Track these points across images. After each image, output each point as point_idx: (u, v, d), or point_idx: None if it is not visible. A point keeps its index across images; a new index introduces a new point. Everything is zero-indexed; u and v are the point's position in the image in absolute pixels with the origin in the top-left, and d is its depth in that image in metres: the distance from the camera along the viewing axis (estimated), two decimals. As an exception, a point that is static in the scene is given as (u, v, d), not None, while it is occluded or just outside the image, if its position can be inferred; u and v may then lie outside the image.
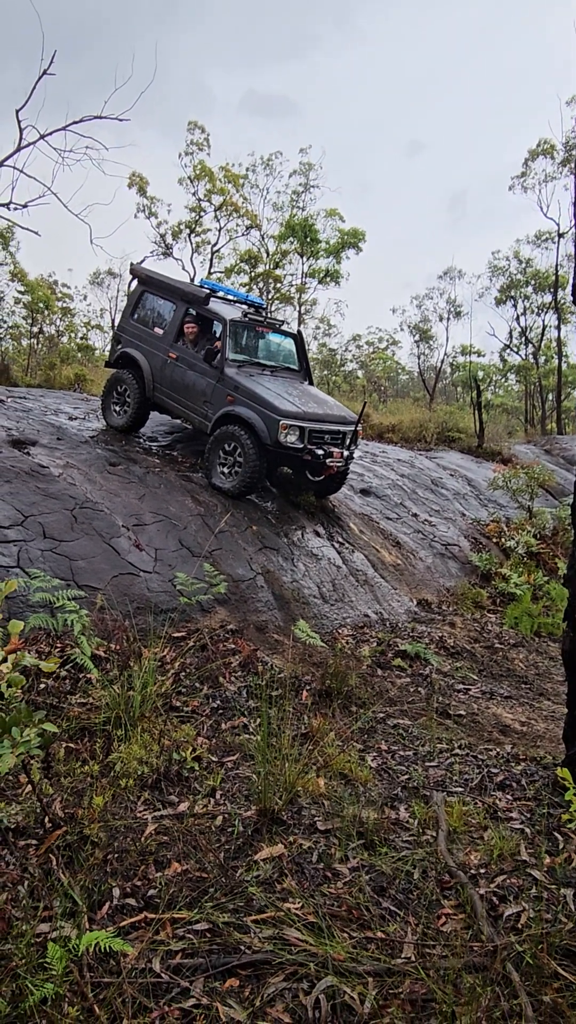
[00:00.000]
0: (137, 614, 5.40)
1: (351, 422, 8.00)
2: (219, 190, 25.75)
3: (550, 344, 31.93)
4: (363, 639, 6.50)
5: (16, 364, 23.98)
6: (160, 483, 7.35)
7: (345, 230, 26.21)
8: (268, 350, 8.59)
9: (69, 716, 4.00)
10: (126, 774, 3.51)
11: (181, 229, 26.58)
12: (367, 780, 3.92)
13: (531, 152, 25.75)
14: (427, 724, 4.89)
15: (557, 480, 13.02)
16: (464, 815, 3.57)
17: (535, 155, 25.82)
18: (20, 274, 28.89)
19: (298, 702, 4.86)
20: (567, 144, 25.03)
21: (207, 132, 25.41)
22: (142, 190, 25.51)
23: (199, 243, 27.19)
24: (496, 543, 10.15)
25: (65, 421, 8.70)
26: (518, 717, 5.28)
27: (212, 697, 4.72)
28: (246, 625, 5.99)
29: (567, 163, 25.35)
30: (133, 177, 25.03)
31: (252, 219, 26.83)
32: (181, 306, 8.39)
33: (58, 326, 34.39)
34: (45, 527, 5.79)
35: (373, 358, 40.54)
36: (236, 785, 3.71)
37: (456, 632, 7.16)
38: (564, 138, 25.19)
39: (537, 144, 25.67)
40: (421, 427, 15.43)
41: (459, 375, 37.61)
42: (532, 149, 25.63)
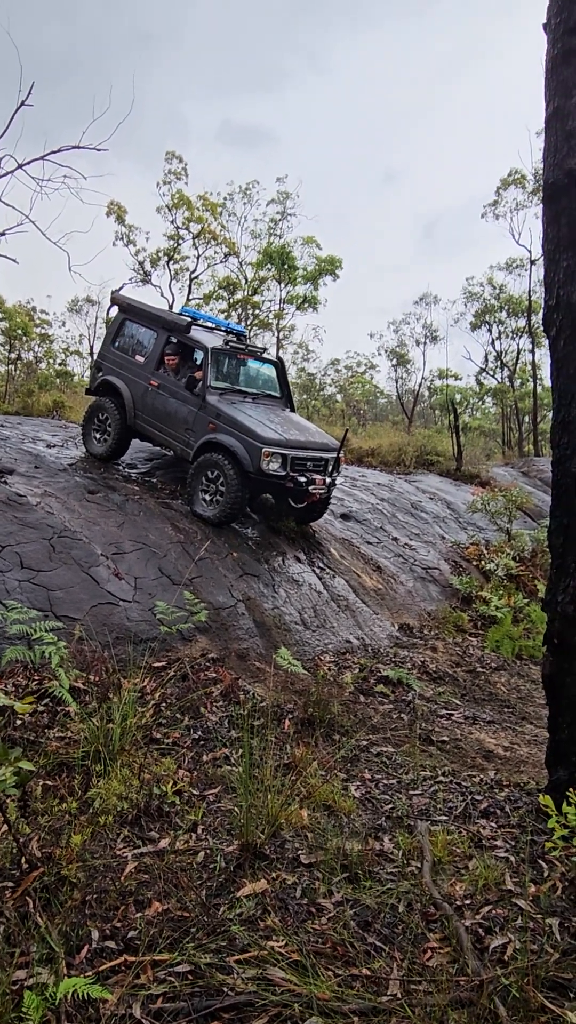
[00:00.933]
0: (116, 644, 5.34)
1: (333, 449, 8.03)
2: (197, 218, 26.05)
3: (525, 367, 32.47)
4: (345, 665, 6.47)
5: (-6, 391, 23.87)
6: (140, 511, 7.32)
7: (322, 257, 26.59)
8: (249, 377, 8.63)
9: (47, 751, 3.93)
10: (105, 811, 3.44)
11: (159, 256, 26.81)
12: (351, 811, 3.88)
13: (503, 181, 26.41)
14: (410, 751, 4.86)
15: (535, 502, 13.16)
16: (448, 844, 3.55)
17: (506, 184, 26.48)
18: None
19: (280, 731, 4.81)
20: (537, 174, 25.69)
21: (185, 162, 25.78)
22: (120, 218, 25.73)
23: (177, 270, 27.43)
24: (476, 566, 10.21)
25: (43, 449, 8.66)
26: (501, 742, 5.27)
27: (193, 728, 4.67)
28: (227, 653, 5.95)
29: (537, 192, 26.00)
30: (111, 206, 25.28)
31: (230, 246, 27.14)
32: (162, 334, 8.42)
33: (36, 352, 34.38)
34: (22, 557, 5.73)
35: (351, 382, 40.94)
36: (218, 819, 3.66)
37: (438, 656, 7.16)
38: (534, 168, 25.86)
39: (508, 174, 26.35)
40: (400, 451, 15.54)
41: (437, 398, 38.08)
42: (504, 178, 26.28)
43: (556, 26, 3.56)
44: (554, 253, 3.61)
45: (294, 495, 7.78)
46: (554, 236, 3.61)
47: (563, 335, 3.61)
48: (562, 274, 3.55)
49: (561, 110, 3.53)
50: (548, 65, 3.63)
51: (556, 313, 3.62)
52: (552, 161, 3.56)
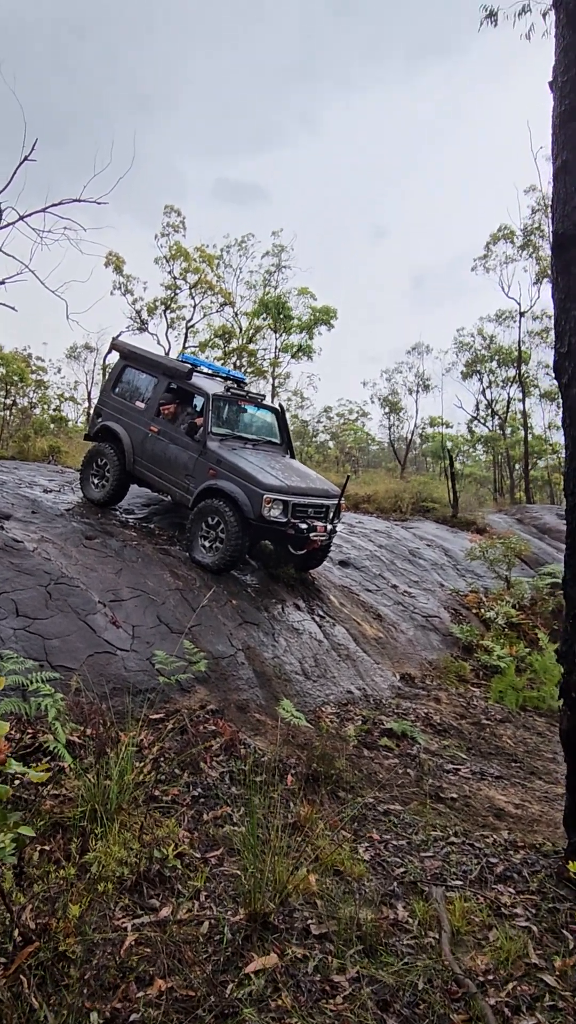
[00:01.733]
0: (114, 695, 5.16)
1: (334, 496, 7.98)
2: (194, 269, 26.55)
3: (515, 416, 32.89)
4: (348, 717, 6.29)
5: (-11, 436, 23.88)
6: (137, 557, 7.20)
7: (317, 307, 27.06)
8: (250, 424, 8.62)
9: (42, 811, 3.73)
10: (104, 877, 3.24)
11: (156, 305, 27.22)
12: (361, 875, 3.69)
13: (492, 236, 27.15)
14: (419, 809, 4.67)
15: (532, 550, 13.11)
16: (466, 912, 3.36)
17: (496, 239, 27.23)
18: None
19: (284, 788, 4.62)
20: (525, 230, 26.46)
21: (183, 215, 26.40)
22: (118, 268, 26.19)
23: (174, 319, 27.83)
24: (476, 614, 10.08)
25: (40, 494, 8.57)
26: (512, 799, 5.08)
27: (193, 785, 4.47)
28: (227, 705, 5.77)
29: (526, 247, 26.75)
30: (110, 256, 25.75)
31: (226, 296, 27.62)
32: (163, 380, 8.43)
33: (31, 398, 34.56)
34: (18, 604, 5.58)
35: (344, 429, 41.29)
36: (222, 884, 3.46)
37: (442, 708, 6.98)
38: (522, 224, 26.65)
39: (498, 229, 27.12)
40: (396, 497, 15.54)
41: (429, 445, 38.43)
42: (493, 233, 27.03)
43: (563, 84, 3.63)
44: (564, 302, 3.62)
45: (295, 542, 7.69)
46: (564, 286, 3.62)
47: (575, 383, 3.59)
48: (573, 323, 3.54)
49: (569, 163, 3.58)
50: (555, 121, 3.70)
51: (567, 360, 3.60)
52: (562, 212, 3.59)
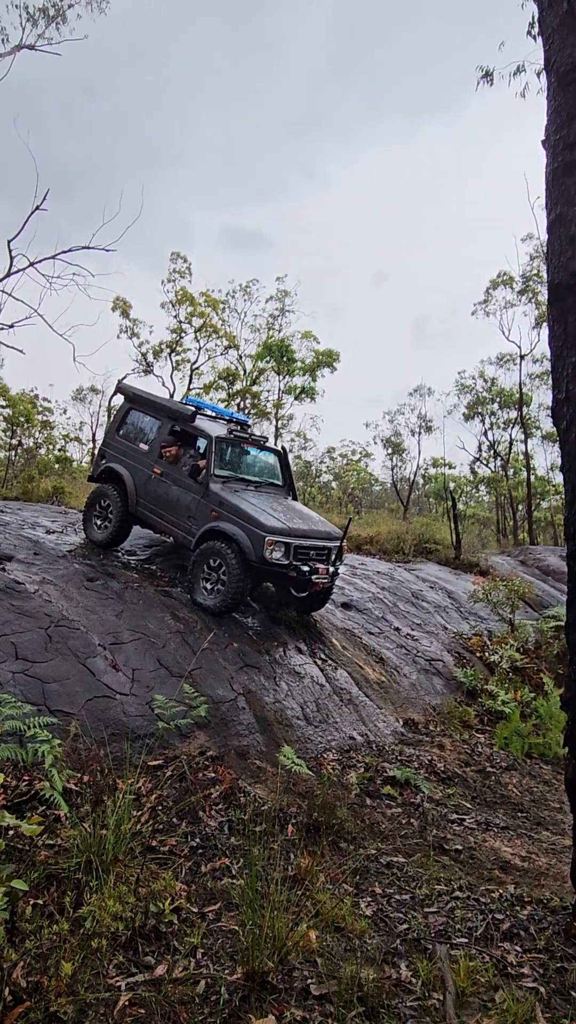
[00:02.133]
0: (112, 741, 5.09)
1: (336, 538, 7.97)
2: (199, 313, 27.05)
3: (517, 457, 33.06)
4: (350, 764, 6.18)
5: (-7, 476, 24.04)
6: (139, 599, 7.17)
7: (320, 350, 27.46)
8: (252, 466, 8.67)
9: (36, 861, 3.64)
10: (98, 932, 3.15)
11: (162, 348, 27.67)
12: (363, 931, 3.58)
13: (492, 282, 27.70)
14: (423, 862, 4.56)
15: (536, 592, 13.04)
16: (471, 972, 3.25)
17: (496, 285, 27.77)
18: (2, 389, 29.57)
19: (284, 838, 4.52)
20: (524, 276, 27.02)
21: (189, 262, 27.02)
22: (125, 313, 26.70)
23: (179, 361, 28.25)
24: (480, 657, 9.97)
25: (42, 535, 8.59)
26: (518, 851, 4.96)
27: (191, 835, 4.38)
28: (227, 751, 5.68)
29: (525, 292, 27.26)
30: (117, 301, 26.28)
31: (230, 340, 28.07)
32: (167, 423, 8.51)
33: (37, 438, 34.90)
34: (18, 647, 5.55)
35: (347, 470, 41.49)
36: (219, 941, 3.36)
37: (446, 755, 6.86)
38: (521, 270, 27.22)
39: (497, 275, 27.68)
40: (399, 539, 15.52)
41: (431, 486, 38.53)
42: (493, 279, 27.59)
43: (555, 142, 3.75)
44: (561, 349, 3.67)
45: (296, 584, 7.66)
46: (561, 333, 3.68)
47: (573, 428, 3.63)
48: (570, 369, 3.59)
49: (563, 217, 3.67)
50: (549, 177, 3.81)
51: (565, 406, 3.64)
52: (557, 264, 3.67)
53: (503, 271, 27.63)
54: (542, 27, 4.07)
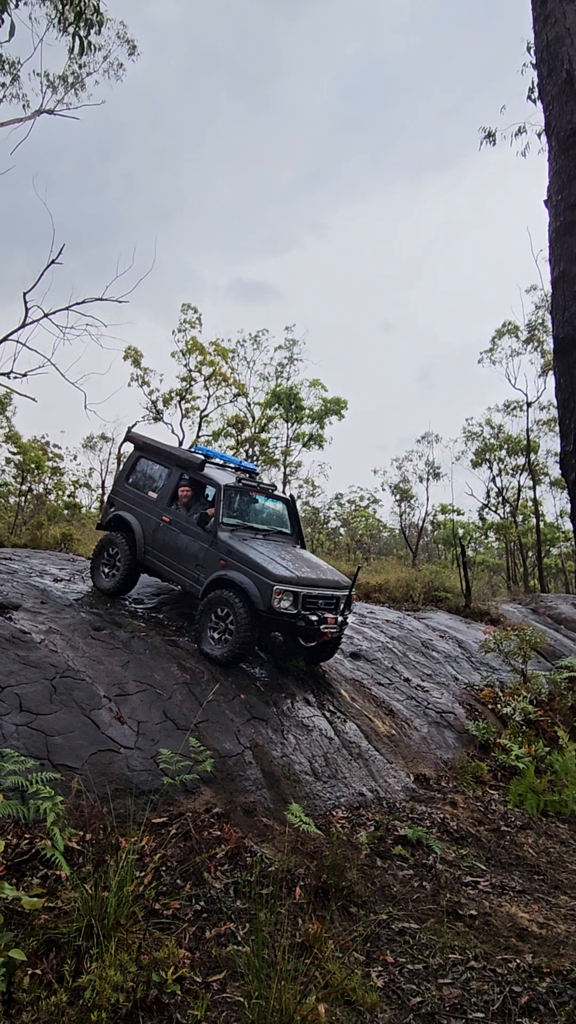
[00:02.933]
0: (116, 797, 4.97)
1: (345, 587, 7.90)
2: (209, 362, 27.52)
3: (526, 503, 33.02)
4: (359, 822, 6.00)
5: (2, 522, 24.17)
6: (145, 648, 7.10)
7: (328, 398, 27.80)
8: (260, 514, 8.66)
9: (35, 926, 3.52)
10: (97, 1005, 3.02)
11: (172, 396, 28.08)
12: (374, 1005, 3.42)
13: (498, 331, 28.13)
14: (436, 928, 4.38)
15: (548, 641, 12.84)
16: (489, 1052, 3.09)
17: (501, 334, 28.19)
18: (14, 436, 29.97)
19: (291, 902, 4.36)
20: (529, 325, 27.43)
21: (199, 312, 27.61)
22: (136, 362, 27.20)
23: (188, 409, 28.63)
24: (492, 709, 9.77)
25: (50, 583, 8.57)
26: (535, 917, 4.76)
27: (196, 897, 4.23)
28: (233, 808, 5.53)
29: (531, 341, 27.65)
30: (128, 351, 26.81)
31: (240, 388, 28.47)
32: (176, 471, 8.55)
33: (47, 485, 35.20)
34: (22, 699, 5.48)
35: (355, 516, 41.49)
36: (224, 1014, 3.21)
37: (458, 813, 6.65)
38: (526, 320, 27.66)
39: (503, 325, 28.15)
40: (408, 587, 15.40)
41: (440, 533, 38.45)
42: (499, 329, 28.03)
43: (558, 203, 3.84)
44: (568, 401, 3.69)
45: (305, 634, 7.56)
46: (567, 386, 3.70)
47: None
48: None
49: (566, 274, 3.73)
50: (552, 236, 3.88)
51: (573, 458, 3.64)
52: (561, 319, 3.72)
53: (508, 321, 28.10)
54: (542, 94, 4.21)
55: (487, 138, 12.50)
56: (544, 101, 4.10)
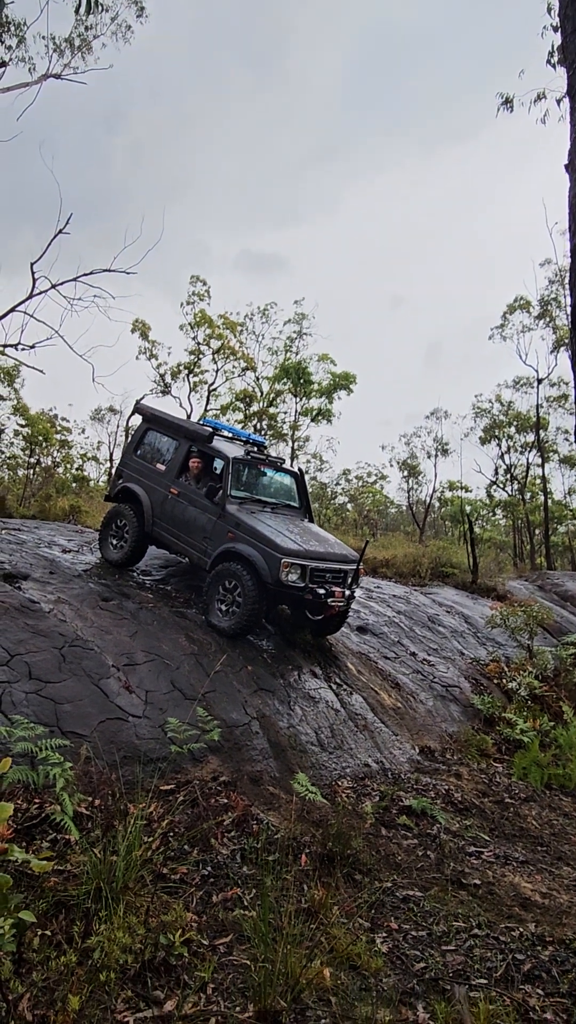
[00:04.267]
0: (124, 764, 5.02)
1: (352, 561, 7.88)
2: (218, 335, 27.28)
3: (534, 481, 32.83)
4: (364, 792, 6.05)
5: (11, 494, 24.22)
6: (153, 619, 7.13)
7: (337, 373, 27.55)
8: (269, 487, 8.62)
9: (44, 888, 3.57)
10: (106, 964, 3.07)
11: (180, 370, 27.90)
12: (378, 969, 3.47)
13: (509, 307, 27.72)
14: (440, 897, 4.43)
15: (555, 618, 12.83)
16: (492, 1016, 3.13)
17: (513, 309, 27.78)
18: (23, 408, 29.89)
19: (297, 868, 4.41)
20: (542, 300, 27.01)
21: (208, 284, 27.30)
22: (144, 335, 27.00)
23: (196, 382, 28.46)
24: (497, 684, 9.80)
25: (58, 554, 8.59)
26: (538, 887, 4.80)
27: (203, 863, 4.28)
28: (240, 776, 5.58)
29: (543, 317, 27.24)
30: (136, 323, 26.60)
31: (248, 362, 28.25)
32: (184, 443, 8.51)
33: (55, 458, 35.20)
34: (31, 667, 5.51)
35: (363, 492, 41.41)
36: (231, 976, 3.26)
37: (463, 784, 6.70)
38: (539, 295, 27.22)
39: (514, 300, 27.71)
40: (415, 562, 15.39)
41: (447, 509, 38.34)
42: (510, 304, 27.61)
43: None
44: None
45: (312, 607, 7.56)
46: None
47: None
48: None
49: (587, 242, 3.64)
50: (572, 201, 3.78)
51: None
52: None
53: (520, 296, 27.69)
54: (565, 53, 4.07)
55: (505, 104, 12.18)
56: (568, 60, 3.97)
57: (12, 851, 2.13)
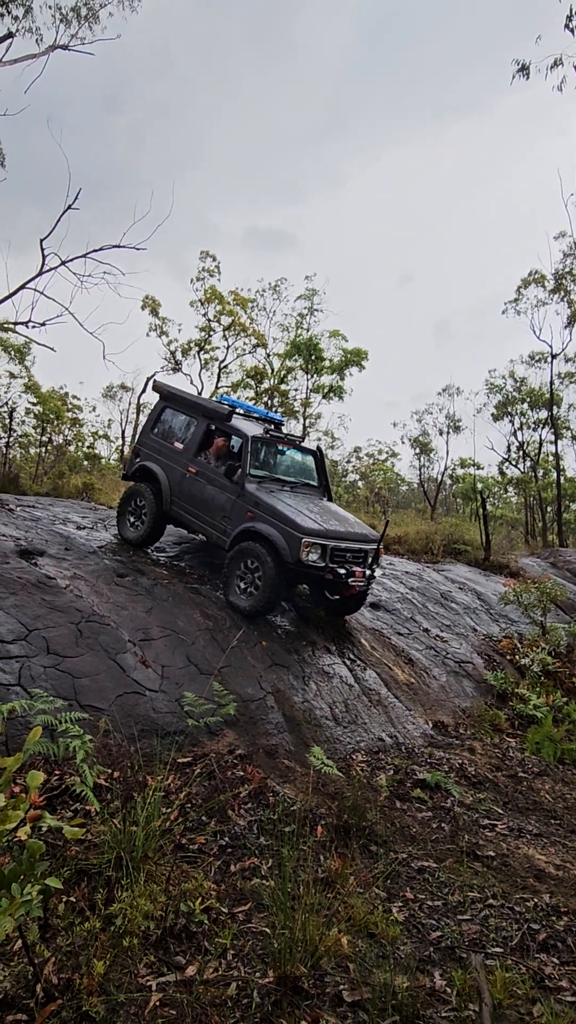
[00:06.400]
0: (142, 737, 5.08)
1: (373, 540, 7.79)
2: (228, 312, 27.06)
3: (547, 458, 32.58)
4: (379, 766, 6.11)
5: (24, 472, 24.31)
6: (168, 595, 7.17)
7: (349, 349, 27.31)
8: (288, 466, 8.53)
9: (66, 857, 3.64)
10: (129, 931, 3.13)
11: (191, 347, 27.73)
12: (395, 938, 3.51)
13: (523, 280, 27.27)
14: (455, 868, 4.48)
15: (568, 595, 12.81)
16: (508, 984, 3.17)
17: (527, 283, 27.33)
18: (34, 386, 29.87)
19: (314, 839, 4.46)
20: (557, 274, 26.58)
21: (217, 260, 27.03)
22: (154, 311, 26.82)
23: (207, 359, 28.30)
24: (510, 660, 9.82)
25: (73, 531, 8.63)
26: (552, 859, 4.85)
27: (221, 834, 4.34)
28: (255, 750, 5.64)
29: (558, 291, 26.82)
30: (147, 300, 26.41)
31: (259, 338, 28.04)
32: (202, 422, 8.43)
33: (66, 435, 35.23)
34: (49, 642, 5.57)
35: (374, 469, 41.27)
36: (250, 942, 3.32)
37: (476, 759, 6.75)
38: (553, 268, 26.77)
39: (528, 273, 27.24)
40: (427, 539, 15.36)
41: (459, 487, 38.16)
42: (524, 278, 27.15)
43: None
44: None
45: (332, 587, 7.51)
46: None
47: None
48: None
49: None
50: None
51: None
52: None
53: (534, 269, 27.20)
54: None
55: (520, 71, 11.88)
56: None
57: (45, 818, 2.16)
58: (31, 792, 2.24)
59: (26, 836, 2.20)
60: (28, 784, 2.25)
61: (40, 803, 2.21)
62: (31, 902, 2.09)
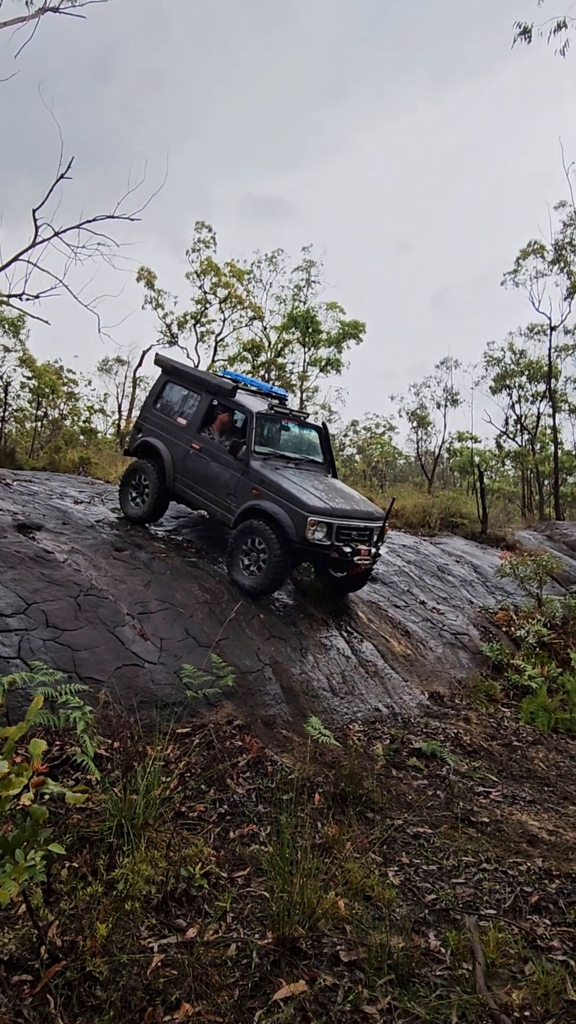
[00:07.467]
0: (141, 708, 5.14)
1: (378, 518, 7.73)
2: (224, 284, 26.78)
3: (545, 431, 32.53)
4: (375, 735, 6.20)
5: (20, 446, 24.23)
6: (166, 569, 7.20)
7: (346, 321, 27.10)
8: (293, 442, 8.40)
9: (68, 824, 3.71)
10: (131, 895, 3.20)
11: (187, 319, 27.50)
12: (391, 900, 3.60)
13: (522, 251, 26.94)
14: (450, 833, 4.57)
15: (563, 567, 12.88)
16: (500, 944, 3.26)
17: (526, 254, 27.01)
18: (28, 360, 29.64)
19: (311, 807, 4.55)
20: (557, 245, 26.27)
21: (213, 231, 26.67)
22: (150, 284, 26.53)
23: (203, 332, 28.08)
24: (506, 632, 9.91)
25: (71, 505, 8.63)
26: (545, 825, 4.94)
27: (220, 801, 4.42)
28: (254, 720, 5.72)
29: (557, 262, 26.53)
30: (142, 272, 26.10)
31: (256, 311, 27.79)
32: (206, 397, 8.30)
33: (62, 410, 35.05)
34: (48, 615, 5.60)
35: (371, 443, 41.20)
36: (249, 905, 3.40)
37: (471, 728, 6.85)
38: (553, 239, 26.46)
39: (528, 244, 26.91)
40: (424, 512, 15.39)
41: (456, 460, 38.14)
42: (523, 249, 26.82)
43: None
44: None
45: (337, 565, 7.48)
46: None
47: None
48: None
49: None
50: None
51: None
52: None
53: (534, 240, 26.87)
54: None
55: (522, 35, 11.61)
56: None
57: (48, 784, 2.20)
58: (34, 760, 2.28)
59: (29, 802, 2.24)
60: (31, 752, 2.28)
61: (43, 770, 2.24)
62: (35, 867, 2.14)
